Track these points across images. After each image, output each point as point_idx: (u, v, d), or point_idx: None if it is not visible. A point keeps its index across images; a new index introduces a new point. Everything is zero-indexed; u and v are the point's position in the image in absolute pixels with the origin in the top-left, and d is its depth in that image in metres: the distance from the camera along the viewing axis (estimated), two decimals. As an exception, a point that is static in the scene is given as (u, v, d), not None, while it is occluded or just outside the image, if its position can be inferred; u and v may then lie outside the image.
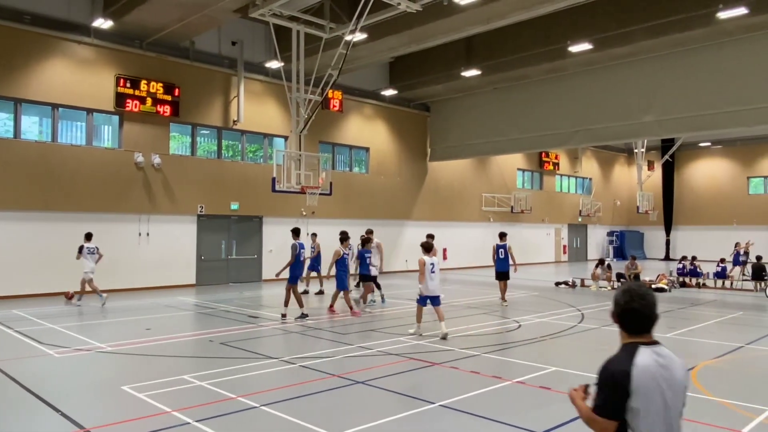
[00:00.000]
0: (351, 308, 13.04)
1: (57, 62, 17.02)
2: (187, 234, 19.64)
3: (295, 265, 12.64)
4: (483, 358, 9.11)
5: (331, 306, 13.73)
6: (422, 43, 19.25)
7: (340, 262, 13.31)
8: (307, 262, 15.73)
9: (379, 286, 14.97)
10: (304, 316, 12.40)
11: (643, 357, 2.56)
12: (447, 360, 8.84)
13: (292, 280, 12.57)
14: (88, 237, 14.77)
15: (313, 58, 18.12)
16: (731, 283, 20.63)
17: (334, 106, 22.62)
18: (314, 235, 17.69)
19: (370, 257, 14.07)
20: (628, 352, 2.60)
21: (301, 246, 12.79)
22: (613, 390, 2.53)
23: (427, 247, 10.87)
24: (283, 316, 12.54)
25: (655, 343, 2.64)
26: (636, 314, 2.64)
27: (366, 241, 14.39)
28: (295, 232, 13.08)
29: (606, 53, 19.42)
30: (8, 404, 6.67)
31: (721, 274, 21.13)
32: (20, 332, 10.85)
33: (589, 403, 2.67)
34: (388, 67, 25.29)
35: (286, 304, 12.62)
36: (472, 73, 21.81)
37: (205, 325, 12.30)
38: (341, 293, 13.33)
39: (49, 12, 16.83)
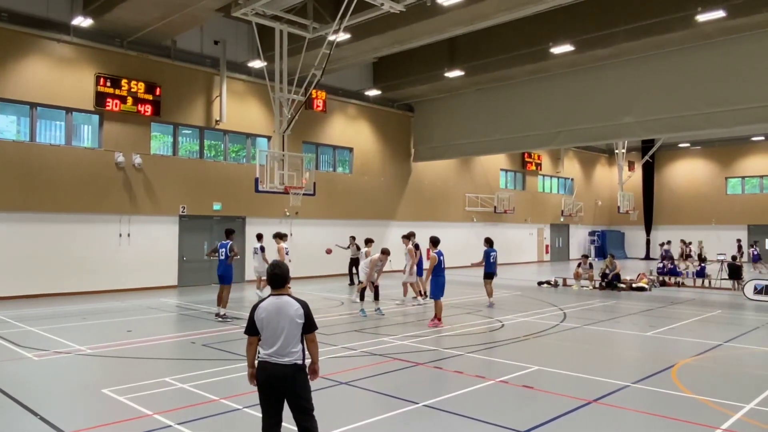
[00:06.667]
0: None
1: (35, 60, 16.75)
2: (169, 235, 19.45)
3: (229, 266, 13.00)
4: (466, 357, 9.15)
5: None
6: (406, 43, 19.28)
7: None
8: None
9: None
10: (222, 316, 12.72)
11: (268, 300, 4.58)
12: (431, 360, 8.87)
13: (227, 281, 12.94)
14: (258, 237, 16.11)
15: (297, 57, 18.06)
16: (710, 283, 20.96)
17: (317, 106, 22.54)
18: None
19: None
20: (265, 298, 4.63)
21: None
22: (250, 316, 4.60)
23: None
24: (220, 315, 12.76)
25: (281, 294, 4.59)
26: (275, 277, 4.63)
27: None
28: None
29: (588, 55, 19.63)
30: (-15, 409, 6.55)
31: (701, 273, 21.48)
32: (-3, 335, 10.67)
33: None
34: (372, 67, 25.29)
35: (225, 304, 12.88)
36: (456, 73, 21.90)
37: (187, 326, 12.19)
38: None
39: (27, 9, 16.55)
